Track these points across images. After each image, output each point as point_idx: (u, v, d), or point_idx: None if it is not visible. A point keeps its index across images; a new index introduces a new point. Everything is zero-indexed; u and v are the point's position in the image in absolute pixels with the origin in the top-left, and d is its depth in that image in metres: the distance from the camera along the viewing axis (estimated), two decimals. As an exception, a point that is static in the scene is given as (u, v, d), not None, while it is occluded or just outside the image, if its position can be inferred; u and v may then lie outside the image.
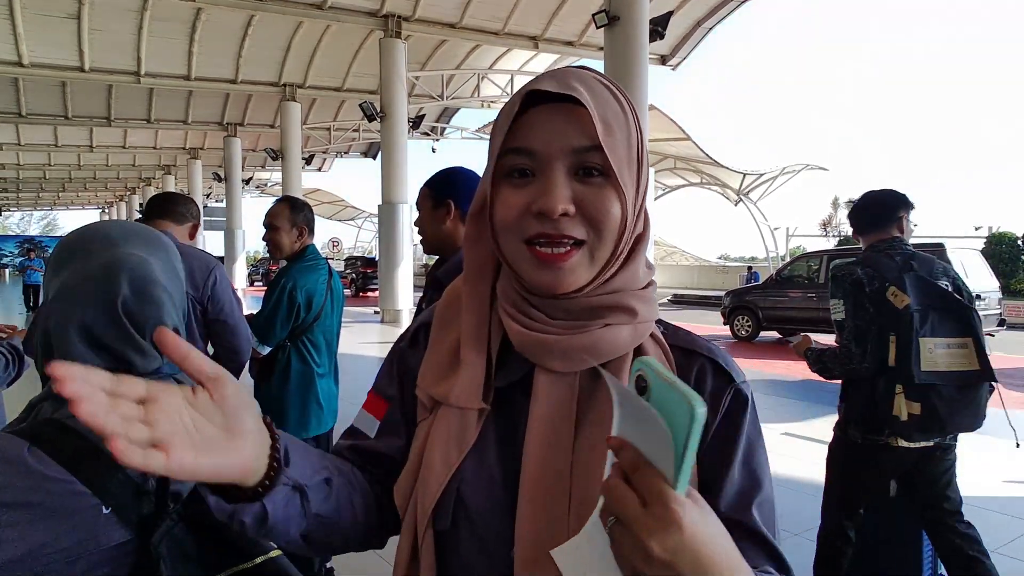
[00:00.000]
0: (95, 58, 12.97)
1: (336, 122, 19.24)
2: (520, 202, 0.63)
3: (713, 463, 0.66)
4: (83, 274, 0.82)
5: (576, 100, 0.61)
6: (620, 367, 0.66)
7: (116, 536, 0.72)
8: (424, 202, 1.77)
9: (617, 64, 8.06)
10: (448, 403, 0.68)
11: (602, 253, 0.63)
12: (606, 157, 0.60)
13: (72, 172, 25.95)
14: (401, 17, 12.35)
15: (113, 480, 0.73)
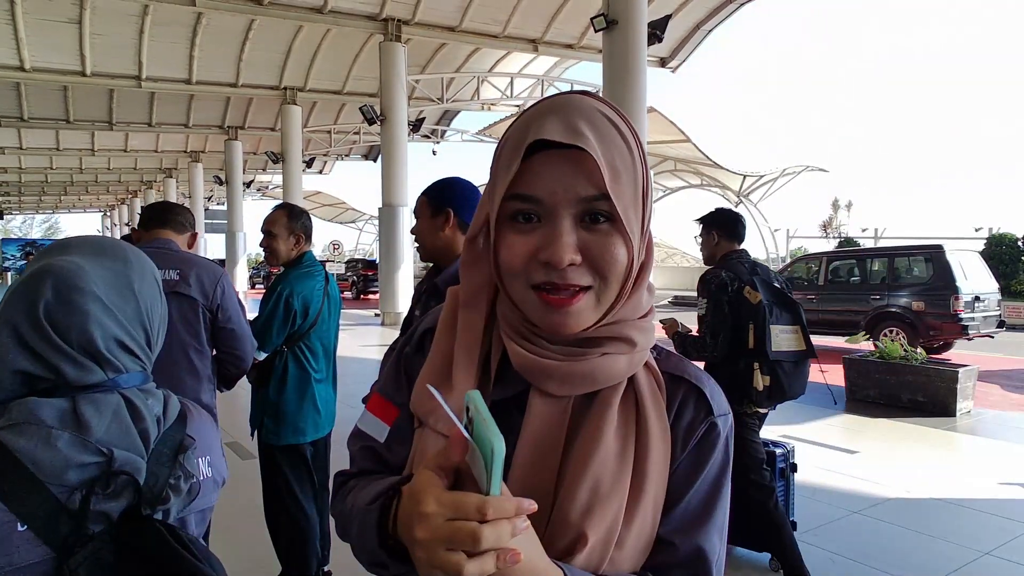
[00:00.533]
0: (96, 62, 13.02)
1: (337, 125, 19.29)
2: (526, 250, 0.63)
3: (676, 488, 0.68)
4: (22, 278, 0.83)
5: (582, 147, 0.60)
6: (612, 394, 0.67)
7: (32, 555, 0.71)
8: (423, 210, 1.78)
9: (616, 67, 8.08)
10: (428, 425, 0.70)
11: (608, 296, 0.64)
12: (613, 204, 0.61)
13: (74, 176, 26.01)
14: (401, 21, 12.39)
15: (33, 498, 0.71)
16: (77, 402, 0.78)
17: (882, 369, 6.15)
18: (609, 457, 0.65)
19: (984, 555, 3.09)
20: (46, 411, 0.76)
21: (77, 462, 0.75)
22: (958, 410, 5.72)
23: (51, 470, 0.73)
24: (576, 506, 0.63)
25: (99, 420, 0.78)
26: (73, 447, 0.75)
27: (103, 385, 0.82)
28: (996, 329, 9.51)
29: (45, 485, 0.72)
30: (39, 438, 0.74)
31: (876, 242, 22.02)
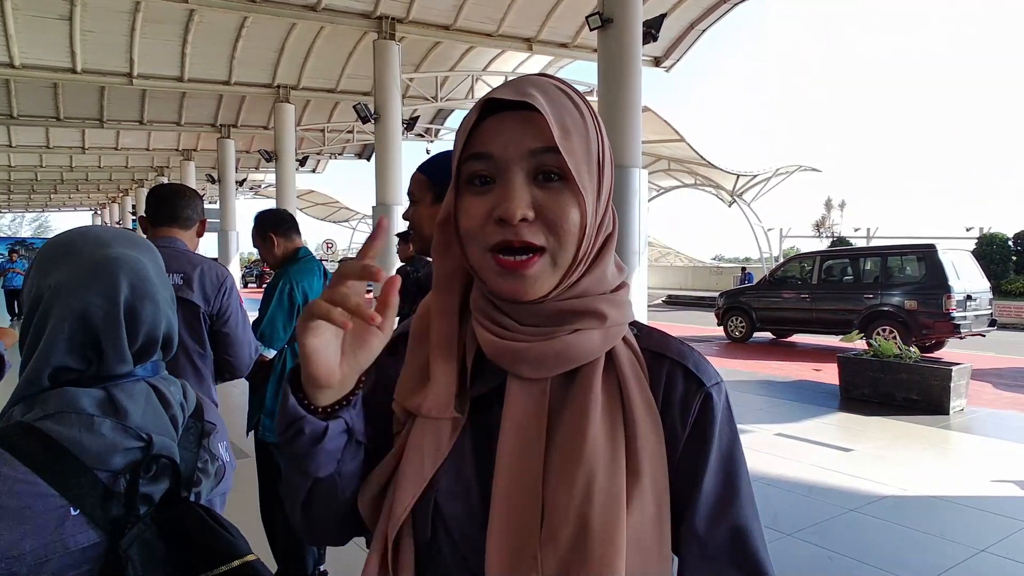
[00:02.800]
0: (87, 59, 12.90)
1: (330, 124, 19.21)
2: (481, 210, 0.64)
3: (687, 472, 0.66)
4: (82, 269, 0.82)
5: (534, 107, 0.61)
6: (592, 372, 0.66)
7: (84, 538, 0.73)
8: (423, 194, 1.47)
9: (611, 66, 8.07)
10: (421, 413, 0.68)
11: (564, 258, 0.64)
12: (564, 160, 0.61)
13: (64, 174, 25.77)
14: (395, 19, 12.33)
15: (81, 482, 0.73)
16: (111, 391, 0.80)
17: (876, 368, 6.17)
18: (599, 437, 0.63)
19: (981, 552, 3.10)
20: (84, 400, 0.78)
21: (122, 447, 0.77)
22: (952, 408, 5.74)
23: (97, 456, 0.75)
24: (575, 491, 0.61)
25: (134, 407, 0.80)
26: (116, 433, 0.77)
27: (133, 375, 0.84)
28: (988, 328, 9.58)
29: (92, 471, 0.74)
30: (81, 426, 0.75)
31: (868, 241, 22.12)
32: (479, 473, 0.66)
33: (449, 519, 0.67)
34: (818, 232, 35.37)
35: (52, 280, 0.82)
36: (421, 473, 0.67)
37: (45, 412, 0.75)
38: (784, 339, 11.54)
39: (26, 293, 0.83)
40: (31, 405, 0.77)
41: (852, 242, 23.05)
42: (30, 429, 0.73)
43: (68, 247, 0.85)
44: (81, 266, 0.83)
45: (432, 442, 0.68)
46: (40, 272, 0.83)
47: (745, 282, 17.51)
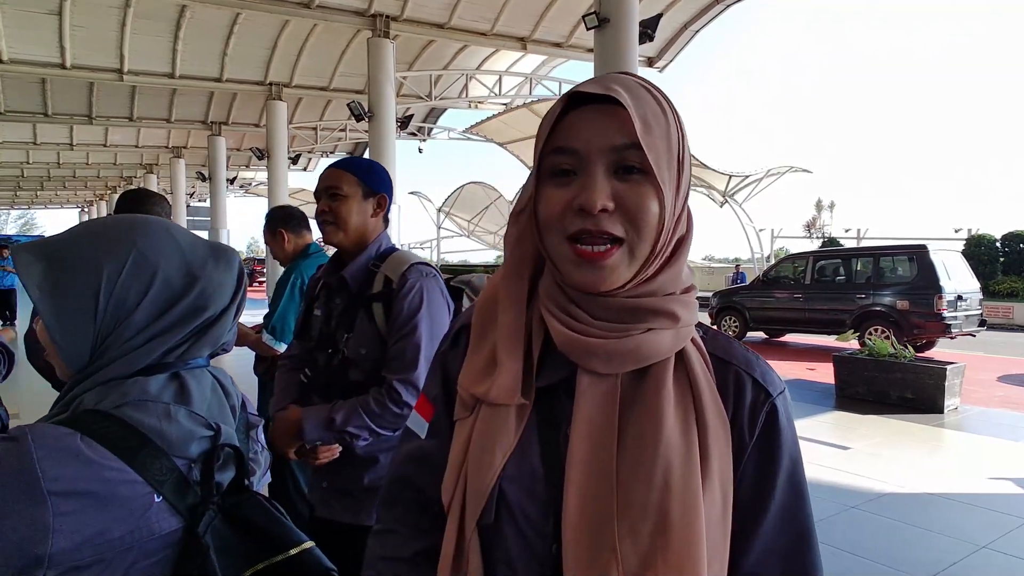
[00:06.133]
0: (77, 55, 12.75)
1: (322, 122, 19.11)
2: (562, 200, 0.65)
3: (753, 481, 0.67)
4: (154, 250, 0.80)
5: (617, 101, 0.62)
6: (663, 370, 0.66)
7: (167, 524, 0.73)
8: (351, 189, 1.59)
9: (607, 65, 8.08)
10: (488, 400, 0.70)
11: (641, 251, 0.64)
12: (644, 155, 0.62)
13: (51, 170, 25.47)
14: (389, 17, 12.29)
15: (163, 469, 0.73)
16: (183, 379, 0.80)
17: (872, 367, 6.22)
18: (673, 434, 0.63)
19: (981, 548, 3.13)
20: (160, 388, 0.78)
21: (198, 435, 0.77)
22: (946, 407, 5.80)
23: (177, 443, 0.75)
24: (652, 486, 0.62)
25: (202, 396, 0.81)
26: (190, 421, 0.77)
27: (198, 363, 0.84)
28: (978, 328, 9.68)
29: (171, 457, 0.74)
30: (160, 414, 0.75)
31: (859, 242, 22.30)
32: (545, 462, 0.68)
33: (513, 504, 0.68)
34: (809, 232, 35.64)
35: (105, 270, 0.78)
36: (492, 463, 0.68)
37: (124, 400, 0.74)
38: (777, 339, 11.63)
39: (83, 282, 0.78)
40: (104, 393, 0.75)
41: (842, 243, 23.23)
42: (109, 416, 0.73)
43: (170, 236, 0.83)
44: (210, 253, 0.84)
45: (500, 431, 0.69)
46: (90, 263, 0.78)
47: (738, 282, 17.60)
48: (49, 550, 0.65)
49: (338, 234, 1.59)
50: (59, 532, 0.65)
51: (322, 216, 1.61)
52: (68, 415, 0.74)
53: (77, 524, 0.66)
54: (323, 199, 1.61)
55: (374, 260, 1.61)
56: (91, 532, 0.67)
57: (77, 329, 0.76)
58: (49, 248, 0.78)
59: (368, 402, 1.50)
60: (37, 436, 0.68)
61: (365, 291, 1.58)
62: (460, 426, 0.73)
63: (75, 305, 0.76)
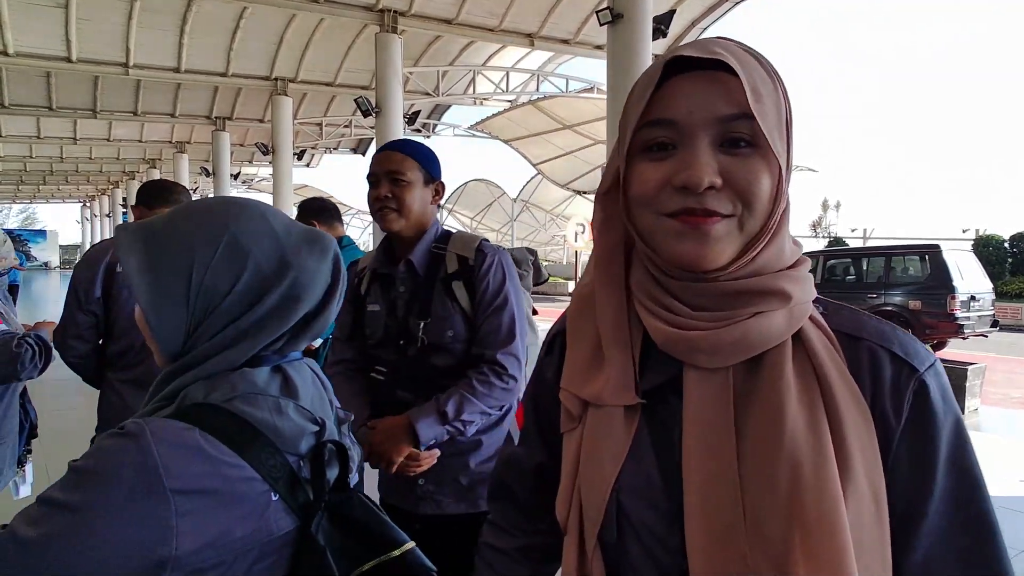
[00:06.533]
0: (83, 48, 12.69)
1: (327, 117, 19.05)
2: (659, 176, 0.59)
3: (909, 470, 0.58)
4: (300, 240, 0.78)
5: (721, 67, 0.57)
6: (780, 357, 0.59)
7: (284, 524, 0.70)
8: (415, 175, 1.54)
9: (620, 62, 8.02)
10: (599, 402, 0.64)
11: (752, 226, 0.59)
12: (756, 126, 0.56)
13: (54, 165, 25.42)
14: (397, 12, 12.22)
15: (278, 466, 0.69)
16: (286, 371, 0.76)
17: (890, 367, 6.16)
18: (798, 427, 0.56)
19: (1020, 553, 3.07)
20: (268, 381, 0.74)
21: (307, 430, 0.74)
22: (966, 408, 5.75)
23: (289, 439, 0.72)
24: (779, 486, 0.55)
25: (306, 390, 0.77)
26: (299, 416, 0.73)
27: (294, 356, 0.80)
28: (990, 328, 9.63)
29: (284, 454, 0.71)
30: (270, 407, 0.71)
31: (865, 242, 22.26)
32: (662, 470, 0.62)
33: (635, 519, 0.63)
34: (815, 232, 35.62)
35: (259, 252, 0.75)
36: (603, 475, 0.63)
37: (233, 393, 0.70)
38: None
39: (176, 265, 0.74)
40: (212, 386, 0.71)
41: (848, 242, 23.19)
42: (223, 411, 0.69)
43: (265, 221, 0.78)
44: (305, 240, 0.78)
45: (610, 440, 0.64)
46: (211, 247, 0.75)
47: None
48: (173, 552, 0.61)
49: (399, 221, 1.53)
50: (183, 533, 0.62)
51: (383, 202, 1.52)
52: (175, 408, 0.70)
53: (200, 524, 0.63)
54: (383, 184, 1.53)
55: (435, 243, 1.57)
56: (214, 533, 0.64)
57: (170, 313, 0.73)
58: (148, 228, 0.76)
59: (473, 385, 1.46)
60: (156, 431, 0.64)
61: (437, 273, 1.53)
62: (568, 438, 0.69)
63: (167, 288, 0.73)
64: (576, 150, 20.75)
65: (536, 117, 18.71)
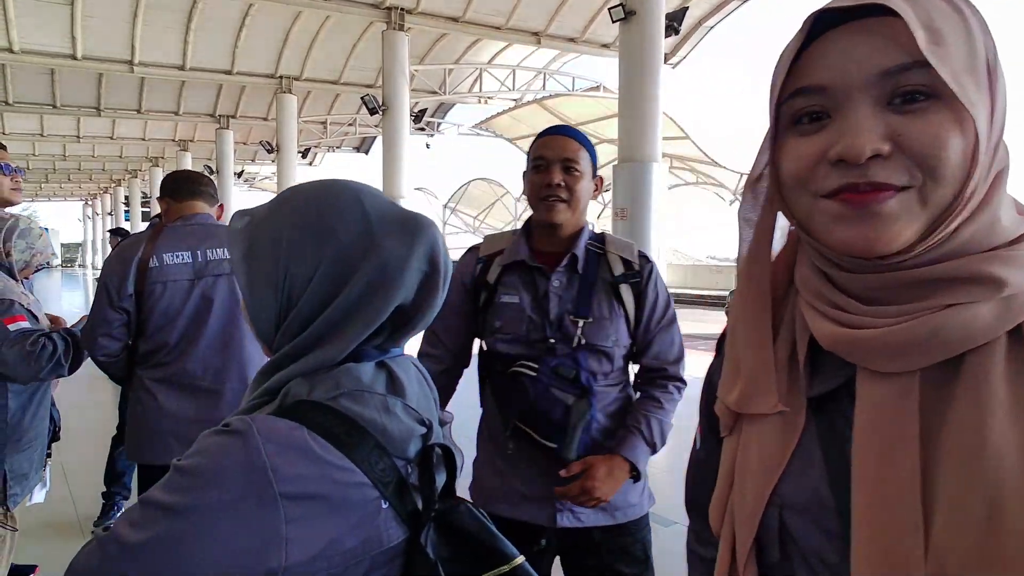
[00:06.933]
0: (88, 46, 12.63)
1: (331, 116, 19.01)
2: (812, 150, 0.50)
3: None
4: (398, 228, 0.71)
5: (882, 11, 0.46)
6: (986, 359, 0.47)
7: (394, 534, 0.63)
8: (586, 166, 1.43)
9: (632, 59, 7.97)
10: (741, 410, 0.58)
11: (937, 197, 0.47)
12: (933, 73, 0.45)
13: (56, 163, 25.37)
14: (404, 10, 12.17)
15: (388, 471, 0.63)
16: (390, 367, 0.69)
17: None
18: (1006, 449, 0.45)
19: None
20: (373, 377, 0.67)
21: (416, 432, 0.67)
22: None
23: (397, 441, 0.65)
24: (972, 519, 0.45)
25: (411, 387, 0.70)
26: (407, 416, 0.66)
27: (396, 352, 0.74)
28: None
29: (392, 457, 0.64)
30: (378, 406, 0.65)
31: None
32: (834, 488, 0.53)
33: (801, 541, 0.55)
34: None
35: (349, 242, 0.68)
36: (755, 488, 0.56)
37: (338, 390, 0.64)
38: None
39: (267, 247, 0.69)
40: (314, 381, 0.65)
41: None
42: (329, 409, 0.62)
43: (357, 202, 0.71)
44: (397, 224, 0.71)
45: (763, 450, 0.57)
46: (299, 235, 0.68)
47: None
48: (283, 563, 0.55)
49: (566, 213, 1.42)
50: (293, 542, 0.56)
51: (554, 191, 1.40)
52: (278, 405, 0.64)
53: (311, 533, 0.57)
54: (556, 171, 1.40)
55: (592, 241, 1.48)
56: (325, 542, 0.58)
57: (262, 299, 0.69)
58: (253, 213, 0.72)
59: (664, 406, 1.44)
60: (263, 430, 0.58)
61: (599, 273, 1.44)
62: (725, 444, 0.63)
63: (259, 272, 0.69)
64: (581, 149, 20.67)
65: (541, 116, 18.66)
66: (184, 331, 1.97)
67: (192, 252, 1.99)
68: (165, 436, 1.94)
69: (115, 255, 2.02)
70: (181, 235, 2.02)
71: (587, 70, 67.16)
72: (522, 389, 1.35)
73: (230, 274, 2.03)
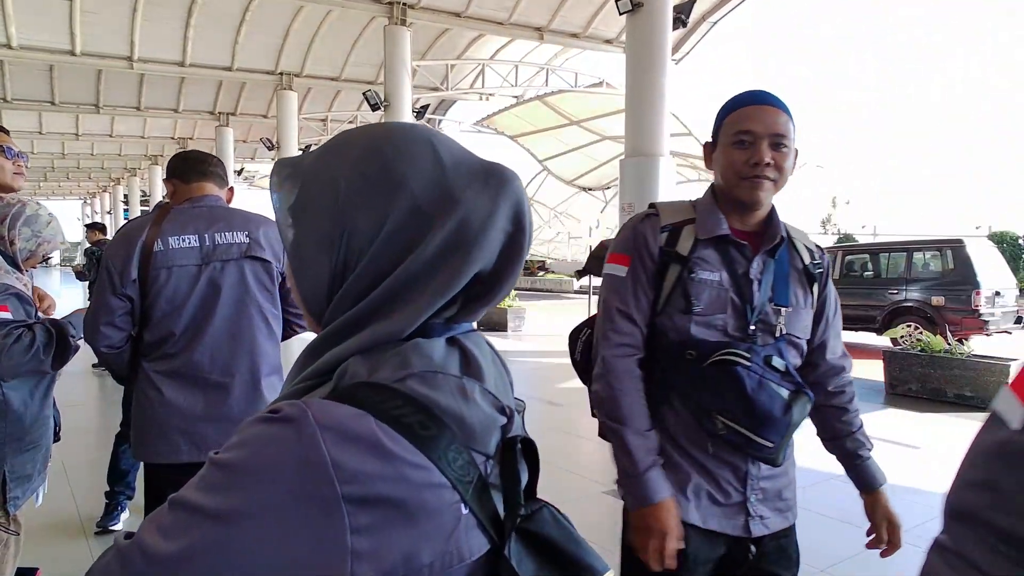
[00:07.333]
0: (87, 42, 12.50)
1: (332, 112, 18.88)
2: None
3: None
4: (479, 181, 0.59)
5: None
6: None
7: (476, 546, 0.52)
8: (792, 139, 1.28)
9: (639, 53, 7.85)
10: None
11: None
12: None
13: (55, 161, 25.24)
14: (406, 4, 12.05)
15: (467, 469, 0.52)
16: (463, 344, 0.57)
17: (925, 363, 6.00)
18: None
19: None
20: (445, 355, 0.55)
21: (497, 422, 0.56)
22: (1007, 405, 5.58)
23: (477, 433, 0.53)
24: None
25: (488, 369, 0.58)
26: (487, 402, 0.55)
27: (465, 327, 0.61)
28: (1015, 325, 9.46)
29: (472, 452, 0.53)
30: (454, 390, 0.53)
31: (874, 238, 22.11)
32: None
33: None
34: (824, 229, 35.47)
35: (425, 191, 0.57)
36: None
37: (406, 370, 0.52)
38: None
39: (319, 198, 0.58)
40: (377, 360, 0.54)
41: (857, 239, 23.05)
42: (397, 393, 0.51)
43: (429, 145, 0.59)
44: (479, 175, 0.58)
45: None
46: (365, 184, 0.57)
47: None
48: None
49: (771, 193, 1.27)
50: (360, 556, 0.46)
51: (762, 169, 1.24)
52: (334, 387, 0.52)
53: (382, 546, 0.47)
54: (764, 148, 1.24)
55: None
56: (398, 556, 0.47)
57: (312, 260, 0.57)
58: (300, 160, 0.60)
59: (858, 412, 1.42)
60: (321, 416, 0.47)
61: (794, 261, 1.34)
62: None
63: (310, 228, 0.57)
64: (583, 146, 20.56)
65: (543, 113, 18.53)
66: (191, 320, 1.85)
67: (200, 236, 1.88)
68: (172, 433, 1.83)
69: (118, 237, 1.90)
70: (188, 218, 1.90)
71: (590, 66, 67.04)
72: (735, 381, 1.19)
73: (239, 259, 1.91)
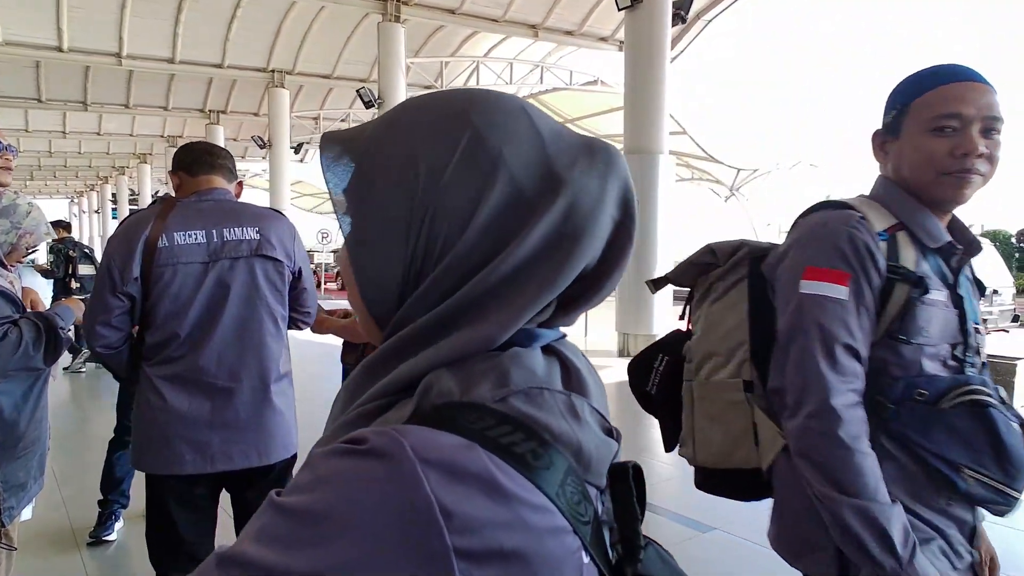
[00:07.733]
0: (74, 38, 12.30)
1: (324, 111, 18.71)
2: None
3: None
4: (590, 157, 0.49)
5: None
6: None
7: None
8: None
9: (638, 48, 7.80)
10: None
11: None
12: None
13: (42, 159, 24.88)
14: (400, 1, 11.94)
15: (581, 506, 0.42)
16: (561, 354, 0.47)
17: (929, 362, 5.94)
18: None
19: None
20: (548, 369, 0.45)
21: (612, 448, 0.47)
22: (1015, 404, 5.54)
23: (593, 462, 0.44)
24: None
25: (591, 382, 0.48)
26: (596, 423, 0.46)
27: (555, 334, 0.51)
28: (1011, 324, 9.47)
29: (586, 486, 0.43)
30: (563, 411, 0.43)
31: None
32: None
33: None
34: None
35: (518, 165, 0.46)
36: None
37: (507, 387, 0.42)
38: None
39: (392, 178, 0.46)
40: (467, 374, 0.43)
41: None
42: (504, 417, 0.40)
43: (525, 115, 0.48)
44: (582, 152, 0.48)
45: None
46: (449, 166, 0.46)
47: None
48: None
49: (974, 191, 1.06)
50: None
51: (972, 161, 1.02)
52: (417, 407, 0.41)
53: None
54: (975, 136, 1.02)
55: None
56: None
57: (381, 250, 0.46)
58: (359, 131, 0.49)
59: None
60: (421, 448, 0.37)
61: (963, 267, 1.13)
62: None
63: (379, 210, 0.46)
64: (577, 145, 20.47)
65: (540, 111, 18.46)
66: (196, 321, 1.74)
67: (207, 232, 1.77)
68: (175, 442, 1.72)
69: (119, 233, 1.78)
70: (195, 212, 1.79)
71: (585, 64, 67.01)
72: (990, 425, 1.01)
73: (249, 257, 1.80)
